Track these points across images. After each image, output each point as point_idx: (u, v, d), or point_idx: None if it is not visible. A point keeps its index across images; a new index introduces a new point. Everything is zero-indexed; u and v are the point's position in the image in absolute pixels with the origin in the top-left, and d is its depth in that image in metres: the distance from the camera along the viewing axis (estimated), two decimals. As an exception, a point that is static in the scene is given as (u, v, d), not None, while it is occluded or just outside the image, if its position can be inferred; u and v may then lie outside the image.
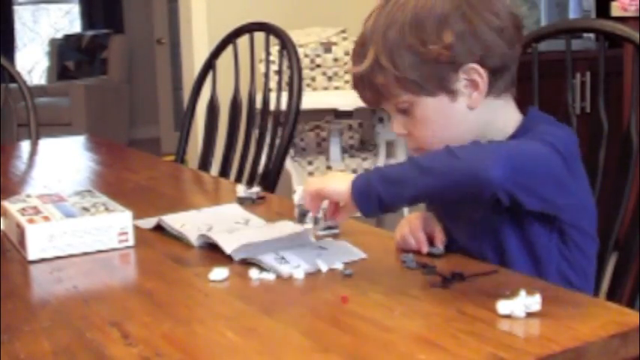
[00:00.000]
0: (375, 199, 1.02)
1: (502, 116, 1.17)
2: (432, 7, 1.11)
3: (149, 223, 1.34)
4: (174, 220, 1.31)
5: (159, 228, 1.32)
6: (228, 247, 1.15)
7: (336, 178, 1.08)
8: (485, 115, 1.14)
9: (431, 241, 1.15)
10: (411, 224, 1.17)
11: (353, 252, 1.13)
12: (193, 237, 1.23)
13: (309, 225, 1.26)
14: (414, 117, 1.14)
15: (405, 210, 3.20)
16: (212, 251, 1.17)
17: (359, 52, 1.15)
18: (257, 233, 1.23)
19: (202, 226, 1.26)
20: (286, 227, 1.25)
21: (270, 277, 1.05)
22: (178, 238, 1.26)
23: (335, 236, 1.22)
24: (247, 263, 1.09)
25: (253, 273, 1.06)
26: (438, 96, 1.12)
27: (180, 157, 2.32)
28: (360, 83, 1.16)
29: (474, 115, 1.14)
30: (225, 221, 1.32)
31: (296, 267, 1.07)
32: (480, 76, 1.12)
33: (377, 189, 1.02)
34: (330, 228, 1.24)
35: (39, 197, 1.36)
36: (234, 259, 1.13)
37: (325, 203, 1.24)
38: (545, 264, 1.12)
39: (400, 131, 1.17)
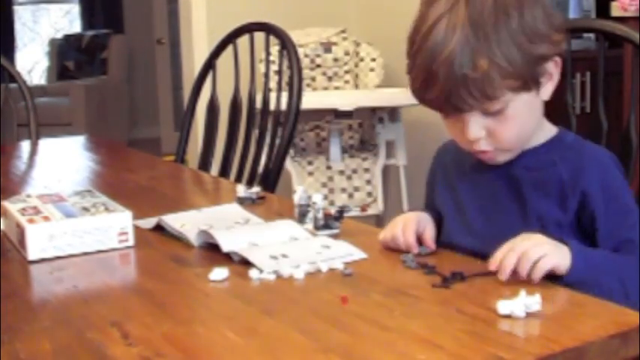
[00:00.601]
0: (582, 282, 1.00)
1: (542, 118, 1.19)
2: (525, 3, 1.10)
3: (149, 223, 1.34)
4: (174, 220, 1.31)
5: (159, 228, 1.32)
6: (225, 245, 1.15)
7: (558, 250, 1.01)
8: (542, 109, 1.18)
9: (420, 241, 1.15)
10: (405, 225, 1.16)
11: (353, 252, 1.13)
12: (193, 237, 1.23)
13: (309, 225, 1.26)
14: (505, 116, 1.11)
15: (405, 205, 3.20)
16: (212, 251, 1.17)
17: (460, 55, 1.07)
18: (256, 231, 1.24)
19: (202, 226, 1.26)
20: (286, 226, 1.25)
21: (270, 277, 1.05)
22: (178, 238, 1.26)
23: (335, 236, 1.22)
24: (247, 263, 1.09)
25: (253, 273, 1.06)
26: (531, 90, 1.12)
27: (180, 157, 2.32)
28: (462, 87, 1.07)
29: (542, 108, 1.17)
30: (225, 221, 1.32)
31: (296, 267, 1.07)
32: (557, 67, 1.15)
33: (593, 278, 1.02)
34: (330, 228, 1.24)
35: (39, 197, 1.36)
36: (232, 258, 1.13)
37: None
38: None
39: (480, 134, 1.13)
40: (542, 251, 0.99)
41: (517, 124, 1.12)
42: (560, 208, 1.12)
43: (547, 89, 1.15)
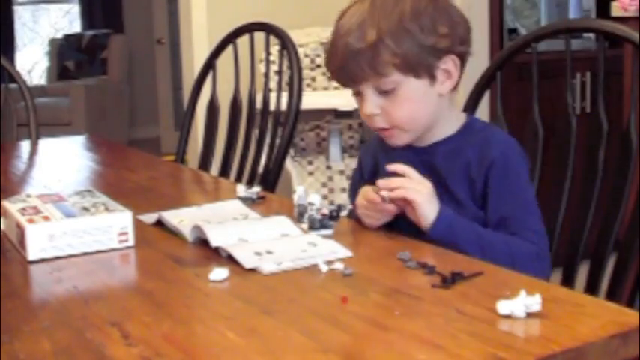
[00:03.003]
0: (440, 239, 1.18)
1: (451, 111, 1.32)
2: (423, 5, 1.25)
3: (151, 218, 1.36)
4: (174, 216, 1.32)
5: (160, 223, 1.33)
6: (214, 240, 1.17)
7: (430, 204, 1.20)
8: (443, 105, 1.30)
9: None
10: (365, 194, 1.24)
11: (338, 250, 1.13)
12: (188, 232, 1.24)
13: (305, 224, 1.26)
14: (397, 97, 1.25)
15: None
16: (211, 251, 1.17)
17: (357, 31, 1.24)
18: (248, 226, 1.24)
19: (200, 221, 1.26)
20: (279, 222, 1.25)
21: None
22: (177, 234, 1.27)
23: (331, 235, 1.22)
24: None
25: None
26: (422, 79, 1.25)
27: (180, 157, 2.32)
28: (355, 60, 1.24)
29: (438, 102, 1.28)
30: (224, 217, 1.33)
31: (278, 264, 1.07)
32: (456, 66, 1.27)
33: (451, 240, 1.18)
34: (325, 227, 1.24)
35: (39, 197, 1.36)
36: (220, 253, 1.14)
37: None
38: None
39: (374, 111, 1.27)
40: (417, 191, 1.19)
41: (408, 106, 1.26)
42: (470, 190, 1.26)
43: (445, 86, 1.27)
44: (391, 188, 1.20)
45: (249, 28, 2.20)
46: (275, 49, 2.92)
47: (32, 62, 8.20)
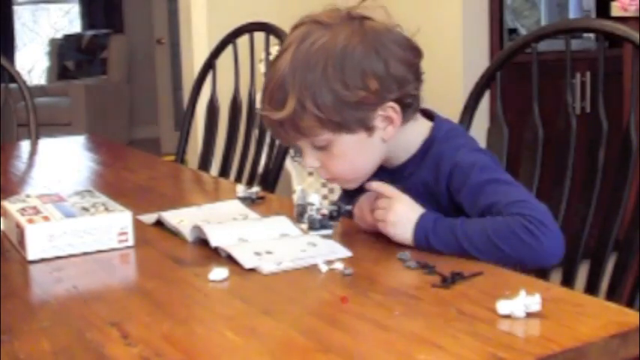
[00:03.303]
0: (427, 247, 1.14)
1: (408, 136, 1.25)
2: (349, 49, 1.16)
3: (151, 218, 1.36)
4: (174, 216, 1.32)
5: (159, 223, 1.33)
6: (214, 240, 1.17)
7: (396, 228, 1.16)
8: (394, 141, 1.23)
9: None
10: (362, 206, 1.24)
11: (338, 250, 1.13)
12: (188, 232, 1.24)
13: (305, 224, 1.26)
14: (332, 152, 1.20)
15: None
16: (211, 251, 1.17)
17: (277, 96, 1.18)
18: (248, 227, 1.24)
19: (199, 222, 1.26)
20: (279, 223, 1.25)
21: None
22: (177, 234, 1.27)
23: (331, 235, 1.22)
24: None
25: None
26: (357, 133, 1.19)
27: (180, 157, 2.32)
28: (281, 126, 1.19)
29: (385, 145, 1.22)
30: (224, 217, 1.33)
31: (278, 264, 1.07)
32: (396, 112, 1.19)
33: (434, 247, 1.13)
34: (325, 228, 1.24)
35: (39, 197, 1.36)
36: (220, 253, 1.14)
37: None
38: None
39: (314, 165, 1.23)
40: (389, 218, 1.16)
41: (346, 161, 1.21)
42: (437, 206, 1.21)
43: (387, 131, 1.20)
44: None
45: (249, 28, 2.20)
46: (275, 49, 2.91)
47: (32, 62, 8.20)
